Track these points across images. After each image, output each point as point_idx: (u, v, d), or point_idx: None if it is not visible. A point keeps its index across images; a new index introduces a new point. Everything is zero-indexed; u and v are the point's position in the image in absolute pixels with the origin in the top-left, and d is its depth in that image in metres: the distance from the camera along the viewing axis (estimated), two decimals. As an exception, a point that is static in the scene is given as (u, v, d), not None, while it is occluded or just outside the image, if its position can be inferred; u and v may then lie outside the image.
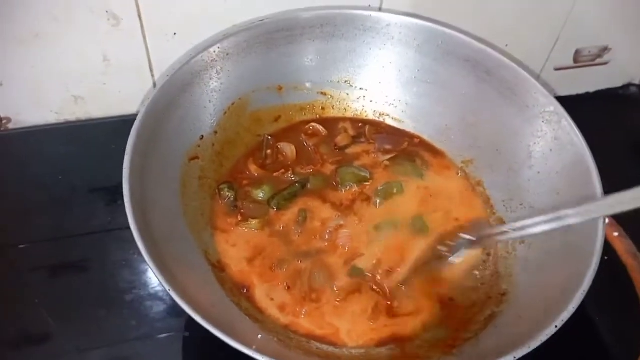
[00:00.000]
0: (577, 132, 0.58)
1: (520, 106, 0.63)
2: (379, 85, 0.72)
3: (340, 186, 0.66)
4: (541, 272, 0.55)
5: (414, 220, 0.63)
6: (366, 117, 0.74)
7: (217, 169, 0.65)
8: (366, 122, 0.73)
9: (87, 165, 0.71)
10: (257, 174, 0.66)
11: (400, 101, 0.72)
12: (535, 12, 0.77)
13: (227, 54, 0.64)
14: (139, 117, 0.54)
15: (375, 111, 0.73)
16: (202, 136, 0.63)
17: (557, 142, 0.60)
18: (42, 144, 0.73)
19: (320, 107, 0.73)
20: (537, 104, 0.62)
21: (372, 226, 0.62)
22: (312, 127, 0.71)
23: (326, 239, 0.61)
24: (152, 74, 0.72)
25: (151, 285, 0.60)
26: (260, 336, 0.50)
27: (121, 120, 0.74)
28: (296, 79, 0.70)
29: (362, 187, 0.66)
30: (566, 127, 0.59)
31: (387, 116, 0.73)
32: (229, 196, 0.63)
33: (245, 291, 0.56)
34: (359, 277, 0.58)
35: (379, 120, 0.73)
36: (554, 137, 0.60)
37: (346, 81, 0.72)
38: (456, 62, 0.66)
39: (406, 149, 0.70)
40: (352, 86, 0.72)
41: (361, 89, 0.72)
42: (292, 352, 0.50)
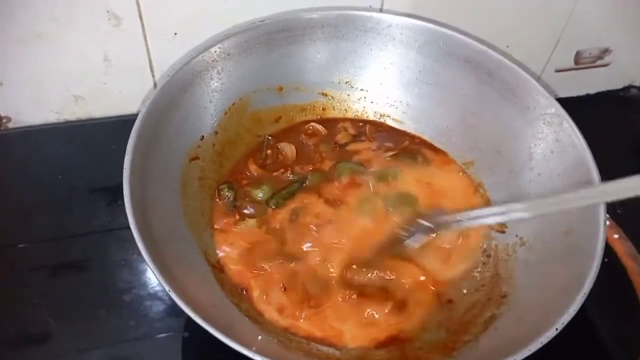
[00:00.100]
0: (578, 134, 0.58)
1: (521, 108, 0.63)
2: (380, 86, 0.72)
3: (336, 180, 0.65)
4: (542, 274, 0.55)
5: (402, 196, 0.64)
6: (367, 118, 0.74)
7: (218, 169, 0.65)
8: (367, 122, 0.73)
9: (87, 165, 0.71)
10: (256, 174, 0.66)
11: (401, 102, 0.72)
12: (536, 14, 0.77)
13: (227, 54, 0.64)
14: (140, 117, 0.54)
15: (376, 112, 0.73)
16: (203, 136, 0.63)
17: (558, 144, 0.60)
18: (42, 144, 0.72)
19: (320, 108, 0.73)
20: (538, 106, 0.62)
21: (360, 208, 0.63)
22: (311, 127, 0.71)
23: (313, 236, 0.60)
24: (152, 74, 0.72)
25: (151, 285, 0.60)
26: (260, 337, 0.50)
27: (121, 120, 0.74)
28: (297, 79, 0.70)
29: (356, 176, 0.66)
30: (567, 128, 0.59)
31: (388, 117, 0.73)
32: (229, 196, 0.63)
33: (244, 292, 0.56)
34: (348, 275, 0.58)
35: (379, 121, 0.73)
36: (555, 139, 0.60)
37: (347, 82, 0.72)
38: (457, 63, 0.66)
39: (407, 147, 0.70)
40: (352, 87, 0.72)
41: (362, 89, 0.72)
42: (292, 353, 0.50)
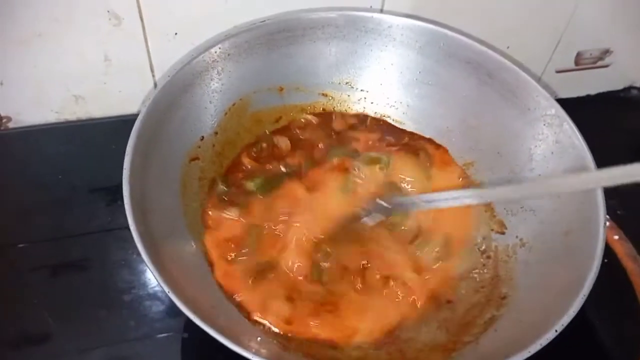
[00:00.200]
0: (579, 135, 0.58)
1: (521, 109, 0.63)
2: (380, 86, 0.72)
3: (326, 164, 0.65)
4: (541, 276, 0.55)
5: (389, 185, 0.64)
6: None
7: (218, 169, 0.65)
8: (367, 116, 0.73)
9: (87, 165, 0.71)
10: (250, 166, 0.65)
11: (401, 103, 0.72)
12: (536, 15, 0.77)
13: (228, 55, 0.63)
14: (140, 117, 0.54)
15: (376, 112, 0.73)
16: (203, 137, 0.63)
17: (558, 145, 0.60)
18: (43, 144, 0.72)
19: (321, 109, 0.73)
20: (538, 107, 0.62)
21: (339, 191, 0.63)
22: (304, 119, 0.71)
23: (285, 221, 0.60)
24: (152, 74, 0.72)
25: (151, 285, 0.60)
26: (259, 338, 0.50)
27: (121, 120, 0.74)
28: (297, 80, 0.69)
29: (346, 160, 0.66)
30: (567, 130, 0.59)
31: (388, 118, 0.73)
32: (223, 189, 0.62)
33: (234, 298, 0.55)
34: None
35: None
36: (555, 140, 0.60)
37: (347, 82, 0.72)
38: (458, 64, 0.66)
39: (408, 143, 0.70)
40: (353, 87, 0.72)
41: (362, 90, 0.72)
42: (292, 354, 0.50)
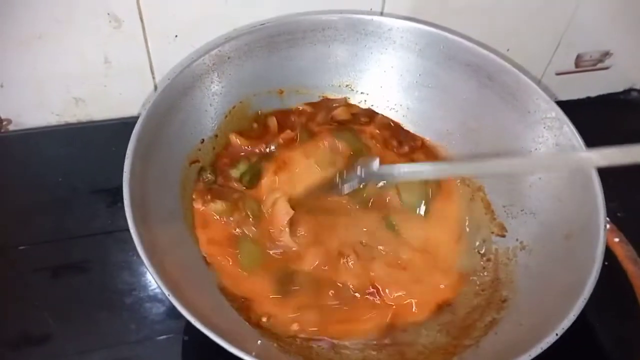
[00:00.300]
0: (579, 138, 0.58)
1: (521, 111, 0.63)
2: (380, 89, 0.72)
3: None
4: (542, 278, 0.55)
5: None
6: (367, 121, 0.73)
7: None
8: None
9: (87, 167, 0.71)
10: (239, 142, 0.65)
11: (401, 105, 0.72)
12: (536, 17, 0.77)
13: (228, 57, 0.63)
14: (140, 120, 0.54)
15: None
16: (203, 140, 0.63)
17: (558, 148, 0.60)
18: (43, 146, 0.72)
19: (321, 111, 0.73)
20: (538, 110, 0.62)
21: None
22: (300, 107, 0.70)
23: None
24: (153, 77, 0.72)
25: (151, 287, 0.60)
26: (259, 342, 0.50)
27: (122, 122, 0.74)
28: (297, 82, 0.69)
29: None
30: (567, 132, 0.59)
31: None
32: (209, 178, 0.61)
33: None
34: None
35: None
36: (555, 142, 0.60)
37: (347, 85, 0.72)
38: (458, 66, 0.66)
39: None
40: (353, 90, 0.72)
41: (362, 93, 0.72)
42: (292, 357, 0.50)
